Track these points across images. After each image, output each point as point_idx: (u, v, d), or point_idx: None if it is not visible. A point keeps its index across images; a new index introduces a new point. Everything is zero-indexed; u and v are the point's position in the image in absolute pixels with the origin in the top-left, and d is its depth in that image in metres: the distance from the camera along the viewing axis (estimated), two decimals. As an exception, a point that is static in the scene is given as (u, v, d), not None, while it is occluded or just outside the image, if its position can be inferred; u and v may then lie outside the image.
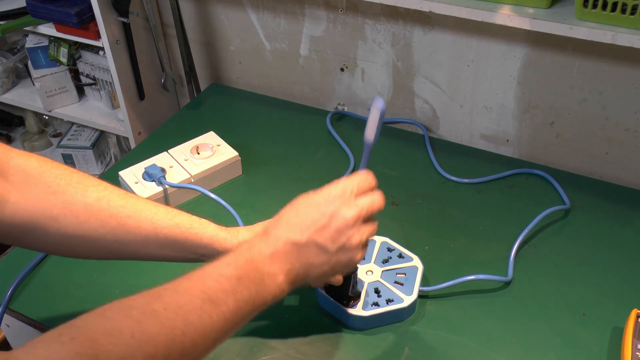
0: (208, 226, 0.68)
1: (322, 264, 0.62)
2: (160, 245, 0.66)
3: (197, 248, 0.67)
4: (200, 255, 0.68)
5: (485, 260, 0.87)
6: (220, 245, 0.67)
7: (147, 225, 0.65)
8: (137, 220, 0.65)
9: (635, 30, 0.79)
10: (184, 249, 0.67)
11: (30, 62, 1.47)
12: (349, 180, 0.63)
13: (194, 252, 0.67)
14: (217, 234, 0.68)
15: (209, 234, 0.68)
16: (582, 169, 1.07)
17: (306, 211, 0.62)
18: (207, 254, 0.67)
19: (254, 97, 1.29)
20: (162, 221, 0.66)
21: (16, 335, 0.93)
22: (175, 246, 0.67)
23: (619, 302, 0.80)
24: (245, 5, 1.21)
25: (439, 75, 1.10)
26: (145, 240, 0.66)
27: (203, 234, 0.67)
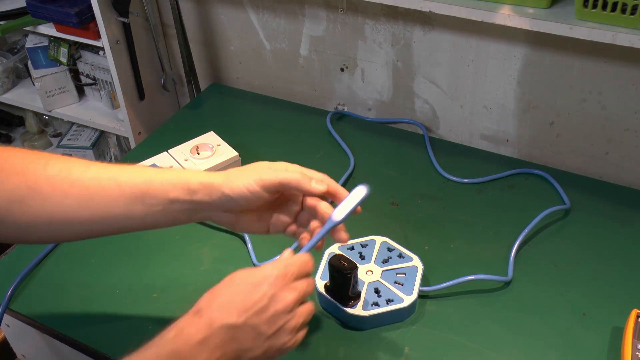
0: (172, 170, 0.65)
1: (256, 348, 0.57)
2: (128, 200, 0.62)
3: (164, 192, 0.62)
4: (173, 200, 0.62)
5: (485, 260, 0.87)
6: (186, 180, 0.63)
7: (110, 183, 0.62)
8: (99, 181, 0.62)
9: (635, 30, 0.79)
10: (153, 197, 0.62)
11: (30, 62, 1.47)
12: (291, 262, 0.60)
13: (163, 198, 0.62)
14: (181, 173, 0.64)
15: (173, 175, 0.63)
16: (582, 169, 1.07)
17: (246, 290, 0.57)
18: (178, 197, 0.62)
19: (254, 97, 1.29)
20: (125, 175, 0.63)
21: (16, 335, 0.93)
22: (143, 198, 0.62)
23: (619, 302, 0.80)
24: (245, 5, 1.21)
25: (439, 75, 1.10)
26: (111, 200, 0.62)
27: (164, 176, 0.63)
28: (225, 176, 0.63)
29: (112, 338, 0.78)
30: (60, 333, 0.79)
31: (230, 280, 0.58)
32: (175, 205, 0.62)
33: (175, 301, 0.83)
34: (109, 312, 0.81)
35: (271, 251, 0.87)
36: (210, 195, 0.62)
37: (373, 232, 0.88)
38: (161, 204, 0.62)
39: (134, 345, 0.77)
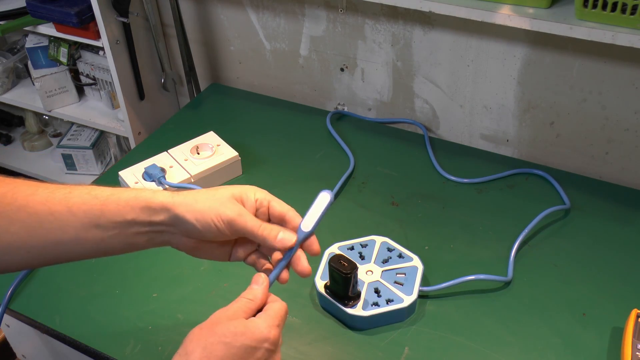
0: (129, 190, 0.59)
1: None
2: (80, 225, 0.56)
3: (121, 213, 0.57)
4: (130, 222, 0.57)
5: (485, 260, 0.87)
6: (145, 200, 0.57)
7: (60, 206, 0.56)
8: (48, 206, 0.56)
9: (635, 30, 0.79)
10: (108, 220, 0.57)
11: (30, 62, 1.47)
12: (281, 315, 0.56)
13: (119, 221, 0.57)
14: (139, 193, 0.59)
15: (131, 194, 0.58)
16: (582, 169, 1.07)
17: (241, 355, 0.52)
18: (135, 218, 0.57)
19: (254, 97, 1.29)
20: (77, 197, 0.57)
21: (16, 335, 0.93)
22: (97, 221, 0.57)
23: (619, 302, 0.80)
24: (245, 5, 1.21)
25: (439, 75, 1.10)
26: (62, 223, 0.56)
27: (121, 196, 0.58)
28: (190, 202, 0.57)
29: (112, 338, 0.78)
30: (60, 333, 0.79)
31: (224, 335, 0.52)
32: (133, 227, 0.57)
33: (175, 301, 0.83)
34: (109, 312, 0.81)
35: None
36: (173, 219, 0.57)
37: (373, 232, 0.88)
38: (117, 227, 0.57)
39: (134, 345, 0.77)
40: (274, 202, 0.62)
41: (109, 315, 0.81)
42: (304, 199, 0.99)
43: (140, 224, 0.57)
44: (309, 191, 1.01)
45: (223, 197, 0.58)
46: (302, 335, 0.77)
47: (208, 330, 0.52)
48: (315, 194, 0.99)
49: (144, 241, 0.59)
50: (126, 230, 0.57)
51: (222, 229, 0.57)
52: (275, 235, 0.58)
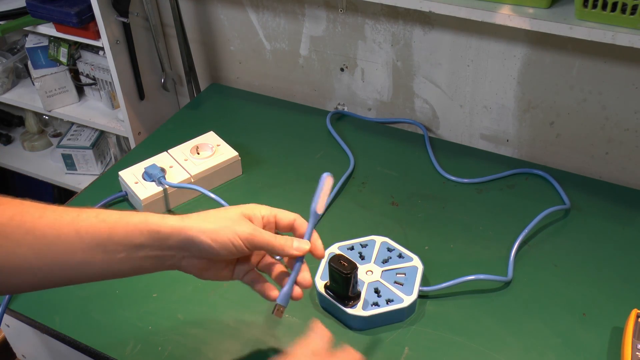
0: (137, 214, 0.59)
1: None
2: (88, 248, 0.57)
3: (128, 238, 0.57)
4: (138, 246, 0.58)
5: (485, 260, 0.87)
6: (155, 225, 0.58)
7: (68, 229, 0.56)
8: (56, 229, 0.56)
9: (635, 30, 0.79)
10: (115, 244, 0.57)
11: (30, 62, 1.47)
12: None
13: (127, 244, 0.57)
14: (148, 217, 0.59)
15: (140, 218, 0.58)
16: (582, 169, 1.07)
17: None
18: (144, 243, 0.58)
19: (254, 97, 1.29)
20: (85, 220, 0.57)
21: (16, 335, 0.93)
22: (104, 244, 0.57)
23: (619, 302, 0.80)
24: (245, 5, 1.21)
25: (439, 75, 1.10)
26: (69, 247, 0.56)
27: (130, 220, 0.58)
28: (202, 223, 0.58)
29: (112, 338, 0.78)
30: (60, 333, 0.79)
31: None
32: (142, 251, 0.58)
33: (175, 301, 0.83)
34: (109, 312, 0.81)
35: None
36: (185, 242, 0.58)
37: (373, 232, 0.88)
38: (125, 251, 0.57)
39: (134, 345, 0.77)
40: (279, 214, 0.64)
41: (109, 315, 0.81)
42: (304, 199, 0.99)
43: (150, 248, 0.57)
44: (309, 191, 1.01)
45: (235, 215, 0.60)
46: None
47: None
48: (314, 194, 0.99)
49: (152, 265, 0.59)
50: (135, 254, 0.58)
51: (239, 246, 0.58)
52: (290, 244, 0.61)
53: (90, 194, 1.02)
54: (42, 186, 1.81)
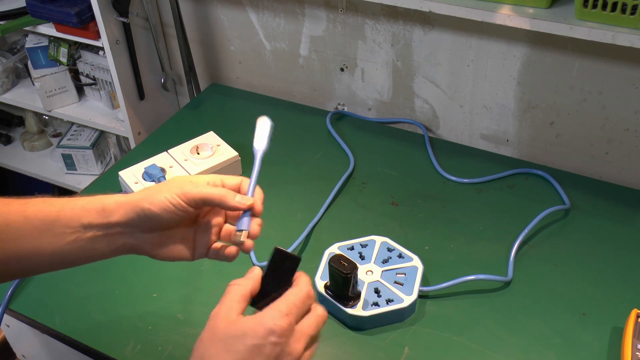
0: (86, 196, 0.59)
1: None
2: (36, 233, 0.56)
3: (77, 218, 0.56)
4: (86, 226, 0.56)
5: (485, 260, 0.87)
6: (100, 202, 0.57)
7: (16, 216, 0.56)
8: (4, 217, 0.55)
9: (635, 30, 0.79)
10: (64, 226, 0.56)
11: (30, 62, 1.47)
12: (292, 301, 0.52)
13: (75, 226, 0.56)
14: (95, 196, 0.58)
15: (86, 199, 0.58)
16: (582, 169, 1.07)
17: (248, 358, 0.48)
18: (91, 221, 0.56)
19: (254, 97, 1.29)
20: (33, 206, 0.57)
21: (16, 335, 0.93)
22: (52, 227, 0.56)
23: (619, 302, 0.80)
24: (245, 5, 1.21)
25: (439, 75, 1.10)
26: (18, 233, 0.55)
27: (77, 202, 0.58)
28: (143, 192, 0.58)
29: (112, 338, 0.78)
30: (60, 333, 0.79)
31: (224, 341, 0.49)
32: (90, 231, 0.56)
33: (175, 301, 0.83)
34: (109, 312, 0.81)
35: (270, 251, 0.87)
36: (129, 214, 0.56)
37: (373, 232, 0.88)
38: (74, 232, 0.56)
39: (134, 345, 0.77)
40: (226, 179, 0.61)
41: (109, 315, 0.81)
42: (304, 199, 0.99)
43: (97, 227, 0.56)
44: (309, 191, 1.02)
45: (175, 179, 0.59)
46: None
47: (208, 341, 0.50)
48: (315, 194, 1.00)
49: (103, 247, 0.58)
50: (83, 235, 0.56)
51: (178, 203, 0.56)
52: (232, 195, 0.58)
53: (90, 194, 1.02)
54: (42, 186, 1.81)
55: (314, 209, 0.96)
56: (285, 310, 0.50)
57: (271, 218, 0.96)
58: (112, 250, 0.58)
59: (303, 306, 0.52)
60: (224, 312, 0.51)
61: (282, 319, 0.50)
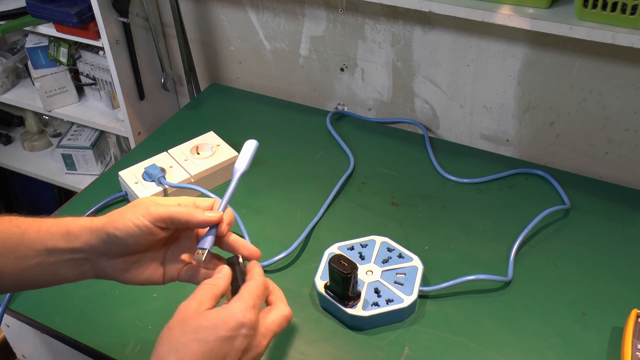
0: (52, 218, 0.57)
1: None
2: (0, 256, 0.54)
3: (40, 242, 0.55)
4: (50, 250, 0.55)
5: (485, 260, 0.87)
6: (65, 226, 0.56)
7: None
8: None
9: (635, 30, 0.79)
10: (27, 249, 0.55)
11: (30, 62, 1.47)
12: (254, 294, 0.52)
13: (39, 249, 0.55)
14: (60, 219, 0.56)
15: (51, 222, 0.56)
16: (582, 169, 1.07)
17: (215, 349, 0.48)
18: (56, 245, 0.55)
19: (254, 97, 1.29)
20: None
21: (16, 335, 0.93)
22: (16, 249, 0.55)
23: (619, 302, 0.80)
24: (245, 5, 1.21)
25: (439, 75, 1.10)
26: None
27: (42, 223, 0.56)
28: (108, 216, 0.55)
29: (112, 338, 0.78)
30: (60, 333, 0.79)
31: (195, 331, 0.49)
32: (54, 255, 0.55)
33: (175, 301, 0.82)
34: (109, 312, 0.81)
35: (270, 251, 0.87)
36: (93, 239, 0.54)
37: (373, 232, 0.88)
38: (38, 256, 0.55)
39: (134, 345, 0.77)
40: (198, 201, 0.59)
41: (109, 315, 0.81)
42: (304, 199, 0.99)
43: (61, 251, 0.55)
44: (309, 191, 1.02)
45: (141, 200, 0.56)
46: (302, 335, 0.77)
47: (178, 330, 0.50)
48: (315, 194, 1.00)
49: (68, 271, 0.56)
50: (47, 259, 0.55)
51: (143, 225, 0.54)
52: (201, 212, 0.56)
53: (90, 194, 1.02)
54: (42, 186, 1.81)
55: (314, 209, 0.96)
56: (251, 302, 0.51)
57: (271, 218, 0.96)
58: (77, 275, 0.57)
59: (263, 296, 0.54)
60: (194, 306, 0.51)
61: (251, 312, 0.51)
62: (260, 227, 0.94)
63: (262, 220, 0.95)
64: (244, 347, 0.50)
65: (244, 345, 0.50)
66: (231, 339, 0.49)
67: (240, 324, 0.50)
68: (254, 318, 0.51)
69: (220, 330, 0.49)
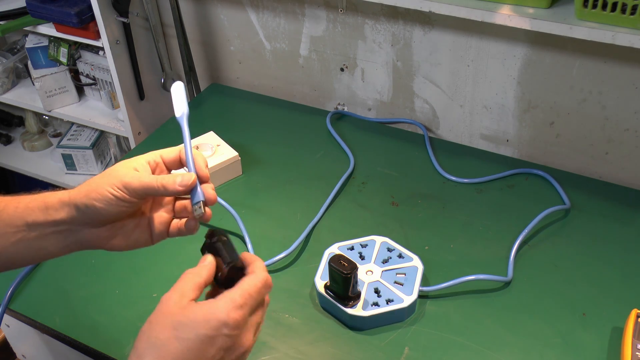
0: (31, 195, 0.57)
1: None
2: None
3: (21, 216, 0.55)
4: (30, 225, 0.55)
5: (485, 260, 0.87)
6: (43, 200, 0.55)
7: None
8: None
9: (635, 30, 0.79)
10: (7, 225, 0.55)
11: (30, 62, 1.47)
12: (248, 291, 0.50)
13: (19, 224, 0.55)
14: (38, 195, 0.56)
15: (29, 197, 0.56)
16: (582, 169, 1.07)
17: (197, 348, 0.47)
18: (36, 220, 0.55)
19: (254, 97, 1.29)
20: None
21: (16, 335, 0.93)
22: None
23: (619, 302, 0.80)
24: (245, 5, 1.21)
25: (439, 75, 1.10)
26: None
27: (20, 200, 0.56)
28: (85, 187, 0.55)
29: (112, 338, 0.78)
30: (60, 333, 0.79)
31: (175, 328, 0.47)
32: (36, 230, 0.55)
33: (175, 301, 0.83)
34: (109, 312, 0.81)
35: (271, 250, 0.87)
36: (72, 212, 0.54)
37: (373, 232, 0.88)
38: (19, 232, 0.55)
39: (134, 345, 0.77)
40: (164, 153, 0.58)
41: (109, 315, 0.81)
42: (304, 199, 0.99)
43: (43, 225, 0.55)
44: (309, 191, 1.02)
45: (113, 169, 0.55)
46: (302, 335, 0.77)
47: (158, 325, 0.48)
48: (315, 194, 1.00)
49: (52, 245, 0.56)
50: (28, 234, 0.55)
51: (121, 195, 0.53)
52: (174, 180, 0.54)
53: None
54: (42, 186, 1.81)
55: (314, 209, 0.96)
56: (240, 301, 0.49)
57: (271, 218, 0.96)
58: (61, 248, 0.57)
59: (258, 296, 0.51)
60: (176, 298, 0.50)
61: (236, 312, 0.48)
62: (260, 227, 0.94)
63: (262, 220, 0.95)
64: (226, 346, 0.48)
65: (226, 344, 0.48)
66: (212, 337, 0.47)
67: (222, 323, 0.47)
68: (239, 318, 0.48)
69: (200, 328, 0.47)
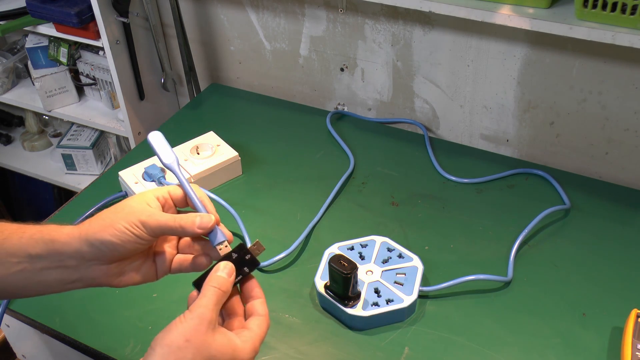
0: (35, 225, 0.56)
1: None
2: None
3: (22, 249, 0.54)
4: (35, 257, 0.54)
5: (485, 260, 0.87)
6: (49, 234, 0.54)
7: None
8: None
9: (635, 30, 0.79)
10: (8, 254, 0.54)
11: (30, 62, 1.47)
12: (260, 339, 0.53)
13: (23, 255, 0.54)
14: (44, 226, 0.55)
15: (35, 229, 0.55)
16: (582, 169, 1.07)
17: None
18: (40, 253, 0.54)
19: (254, 97, 1.29)
20: None
21: (16, 335, 0.93)
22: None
23: (619, 302, 0.80)
24: (245, 5, 1.21)
25: (439, 75, 1.10)
26: None
27: (26, 230, 0.55)
28: (99, 220, 0.54)
29: (112, 338, 0.78)
30: (60, 333, 0.79)
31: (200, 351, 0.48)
32: (40, 263, 0.53)
33: (175, 301, 0.83)
34: (109, 312, 0.81)
35: (270, 251, 0.87)
36: (84, 247, 0.53)
37: (373, 232, 0.88)
38: (20, 263, 0.53)
39: (134, 345, 0.77)
40: (171, 189, 0.59)
41: (109, 315, 0.81)
42: (304, 199, 0.99)
43: (49, 259, 0.54)
44: (309, 191, 1.02)
45: (127, 205, 0.55)
46: (302, 335, 0.77)
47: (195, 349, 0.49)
48: (315, 194, 1.00)
49: (54, 280, 0.55)
50: (33, 266, 0.54)
51: (139, 233, 0.53)
52: (192, 220, 0.55)
53: (90, 194, 1.02)
54: (42, 186, 1.81)
55: (314, 209, 0.96)
56: (258, 346, 0.52)
57: (271, 218, 0.96)
58: (65, 283, 0.55)
59: (265, 335, 0.55)
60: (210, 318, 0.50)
61: (251, 354, 0.52)
62: (260, 227, 0.94)
63: (262, 220, 0.95)
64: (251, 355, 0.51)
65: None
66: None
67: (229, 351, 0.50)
68: (248, 350, 0.52)
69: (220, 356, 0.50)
